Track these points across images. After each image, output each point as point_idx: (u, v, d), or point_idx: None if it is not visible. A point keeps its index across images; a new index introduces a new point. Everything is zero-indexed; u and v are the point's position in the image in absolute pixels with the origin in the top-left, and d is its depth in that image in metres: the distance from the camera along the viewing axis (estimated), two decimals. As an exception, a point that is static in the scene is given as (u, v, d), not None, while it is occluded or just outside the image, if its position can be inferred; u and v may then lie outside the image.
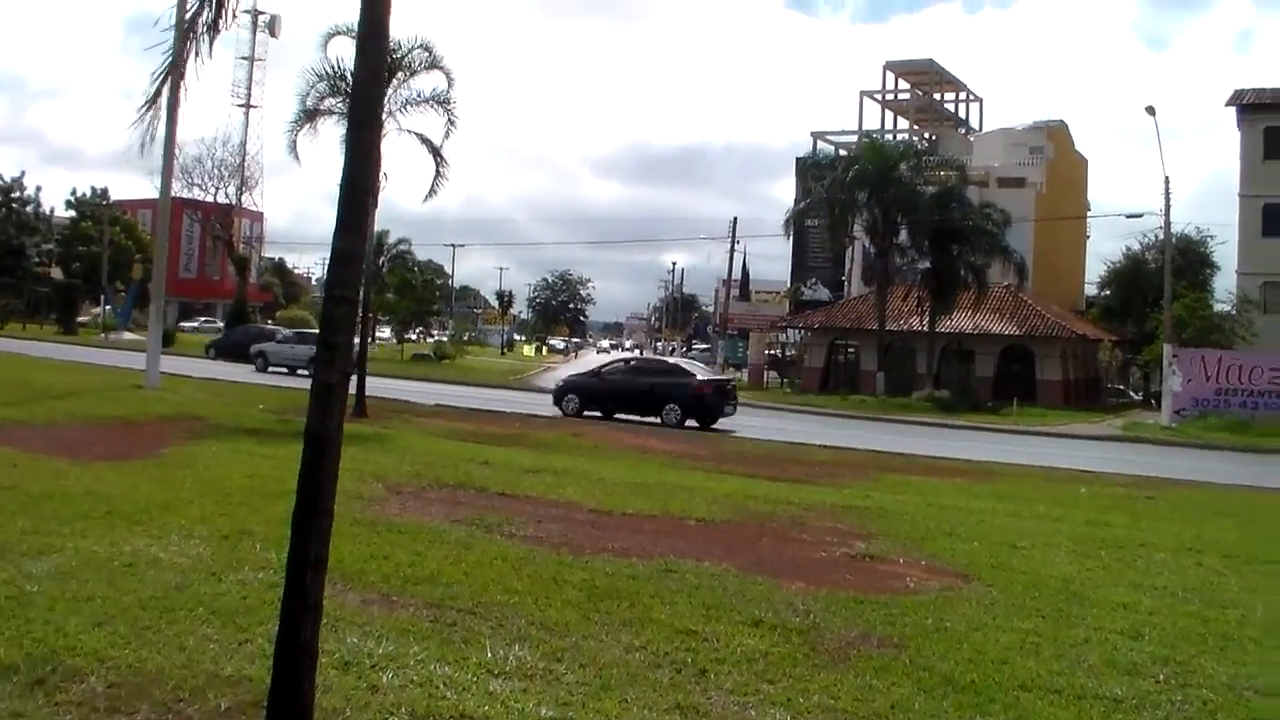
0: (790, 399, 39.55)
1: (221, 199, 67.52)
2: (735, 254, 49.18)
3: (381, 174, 20.70)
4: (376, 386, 25.61)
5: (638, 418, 24.36)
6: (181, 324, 63.89)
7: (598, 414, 24.91)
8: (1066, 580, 8.07)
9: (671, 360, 32.08)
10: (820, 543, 9.27)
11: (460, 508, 9.71)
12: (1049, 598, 7.44)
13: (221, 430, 15.10)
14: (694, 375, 25.45)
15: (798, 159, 65.21)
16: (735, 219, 47.89)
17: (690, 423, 24.25)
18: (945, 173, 41.72)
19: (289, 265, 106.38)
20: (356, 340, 19.57)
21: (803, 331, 49.23)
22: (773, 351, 51.68)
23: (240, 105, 74.61)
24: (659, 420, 23.96)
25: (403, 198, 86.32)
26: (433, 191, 23.13)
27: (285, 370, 36.39)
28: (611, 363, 28.53)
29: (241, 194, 69.50)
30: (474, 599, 6.35)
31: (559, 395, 25.87)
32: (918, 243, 39.82)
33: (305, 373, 35.77)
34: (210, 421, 16.12)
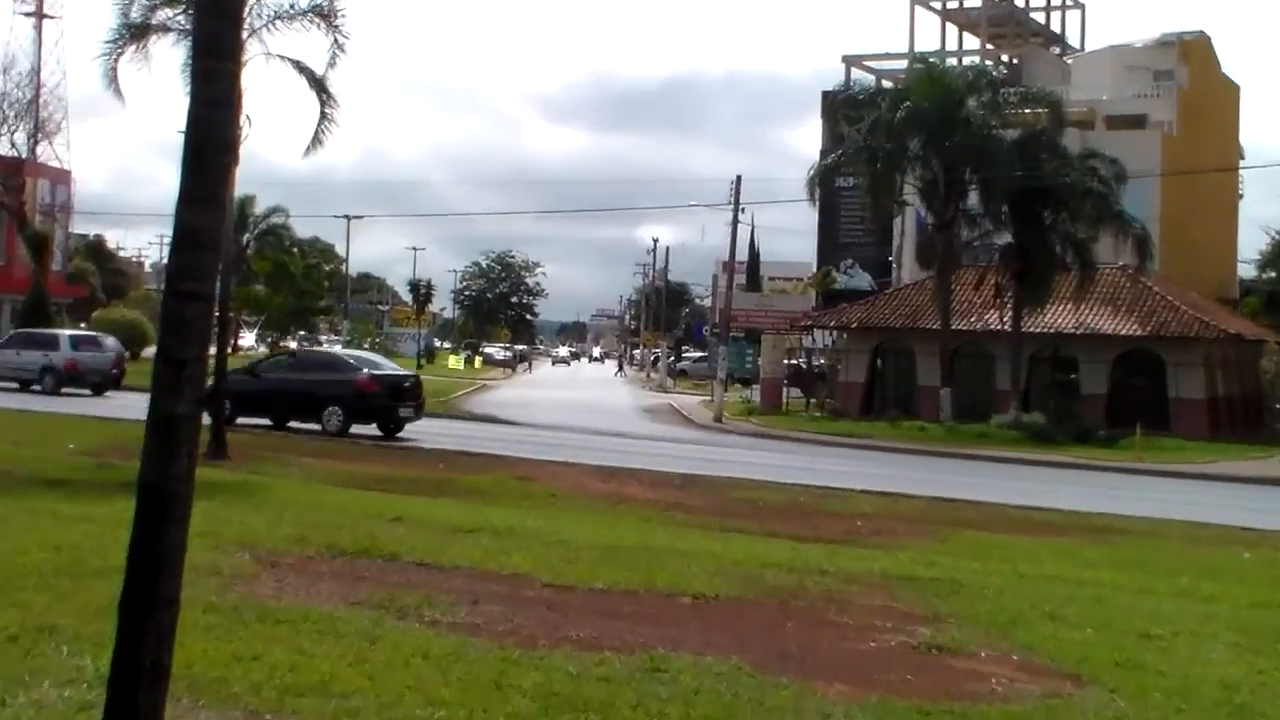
0: (820, 426, 39.79)
1: (4, 150, 66.59)
2: (740, 227, 49.23)
3: (243, 118, 20.72)
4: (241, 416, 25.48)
5: (303, 425, 26.30)
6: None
7: (266, 422, 26.62)
8: (1228, 686, 7.97)
9: (335, 352, 33.55)
10: (868, 628, 9.29)
11: (362, 584, 9.65)
12: (1204, 712, 7.41)
13: (10, 482, 14.99)
14: (360, 370, 27.38)
15: (825, 94, 65.99)
16: (739, 179, 47.69)
17: (360, 430, 26.09)
18: (1032, 110, 42.23)
19: (110, 245, 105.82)
20: (213, 351, 19.58)
21: (836, 333, 49.48)
22: (795, 361, 51.89)
23: (27, 14, 73.42)
24: (320, 427, 25.89)
25: (276, 151, 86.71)
26: (317, 142, 23.23)
27: (16, 386, 36.52)
28: (272, 357, 30.43)
29: (36, 143, 68.50)
30: (383, 715, 6.33)
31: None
32: (994, 208, 40.22)
33: (40, 388, 36.03)
34: (-6, 469, 15.98)
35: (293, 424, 27.18)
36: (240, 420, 25.56)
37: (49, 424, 25.24)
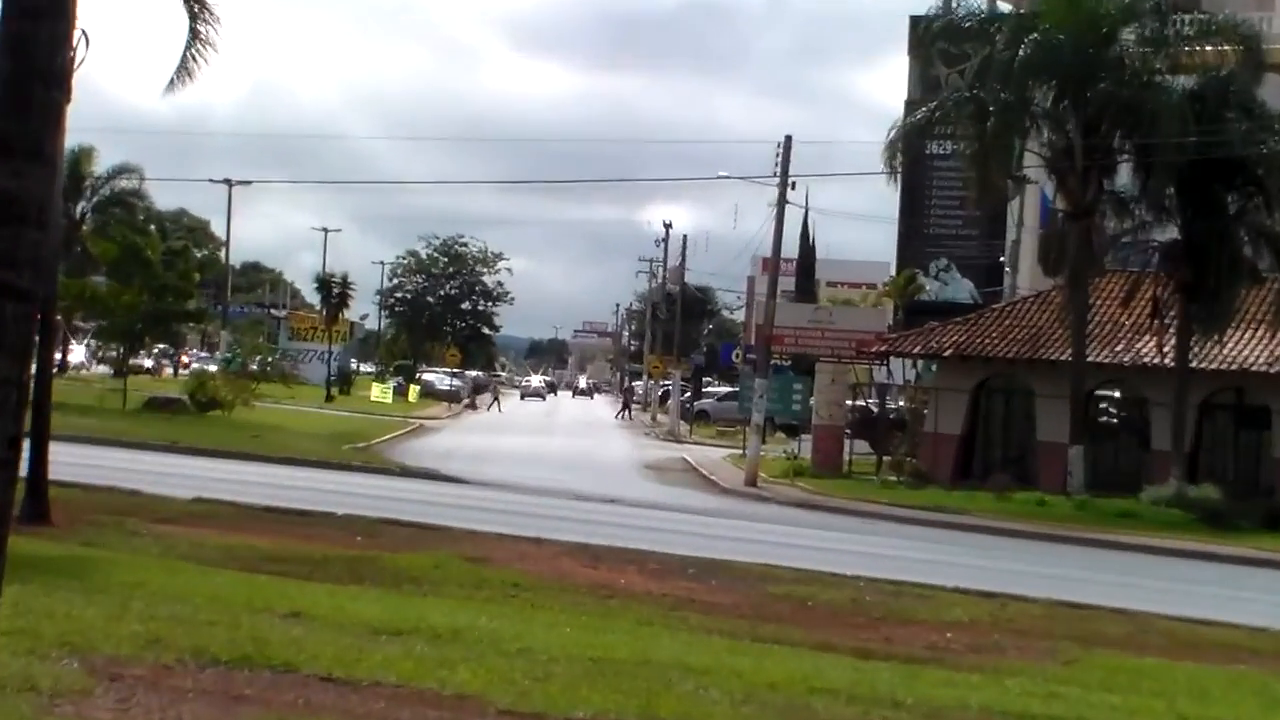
0: (895, 495, 39.75)
1: None
2: (788, 209, 49.12)
3: (77, 34, 20.69)
4: (71, 461, 25.37)
5: None
6: None
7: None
8: None
9: None
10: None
11: (243, 709, 9.63)
12: None
13: None
14: None
15: (914, 20, 65.88)
16: (788, 140, 47.31)
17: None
18: (1216, 48, 41.97)
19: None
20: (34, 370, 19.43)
21: (921, 365, 49.41)
22: (862, 403, 51.78)
23: None
24: None
25: (124, 85, 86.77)
26: (184, 73, 23.28)
27: None
28: None
29: None
30: None
31: None
32: (1155, 189, 40.12)
33: None
34: None
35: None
36: None
37: None
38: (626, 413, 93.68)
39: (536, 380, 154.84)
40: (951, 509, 36.70)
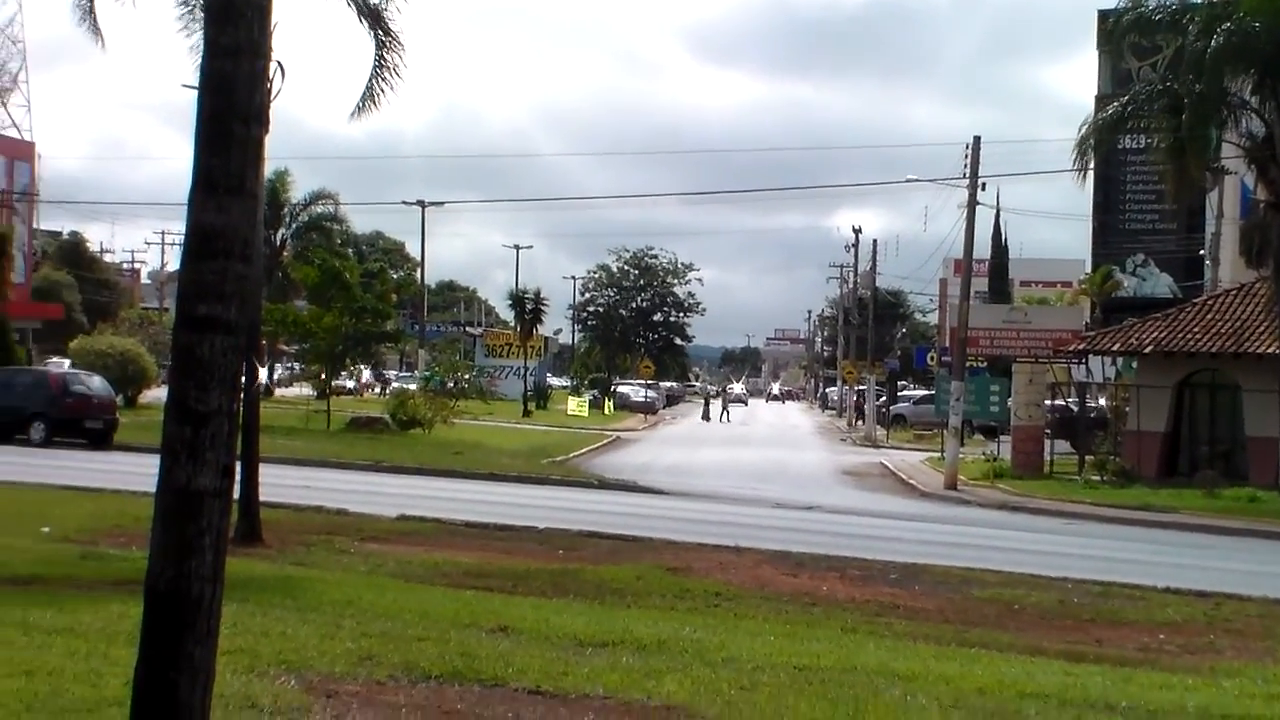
0: (1099, 495, 39.27)
1: None
2: (979, 210, 48.61)
3: (274, 68, 21.13)
4: (279, 482, 25.94)
5: None
6: None
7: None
8: None
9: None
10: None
11: (452, 724, 9.73)
12: None
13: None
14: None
15: (1103, 14, 64.96)
16: (977, 141, 46.99)
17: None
18: None
19: (91, 246, 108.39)
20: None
21: (1121, 362, 48.57)
22: (1061, 402, 51.06)
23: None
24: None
25: (315, 111, 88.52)
26: (370, 98, 23.56)
27: None
28: None
29: None
30: None
31: None
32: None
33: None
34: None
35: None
36: None
37: (25, 497, 25.98)
38: (858, 422, 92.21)
39: (739, 388, 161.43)
40: (1158, 507, 36.08)
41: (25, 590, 14.84)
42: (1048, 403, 49.03)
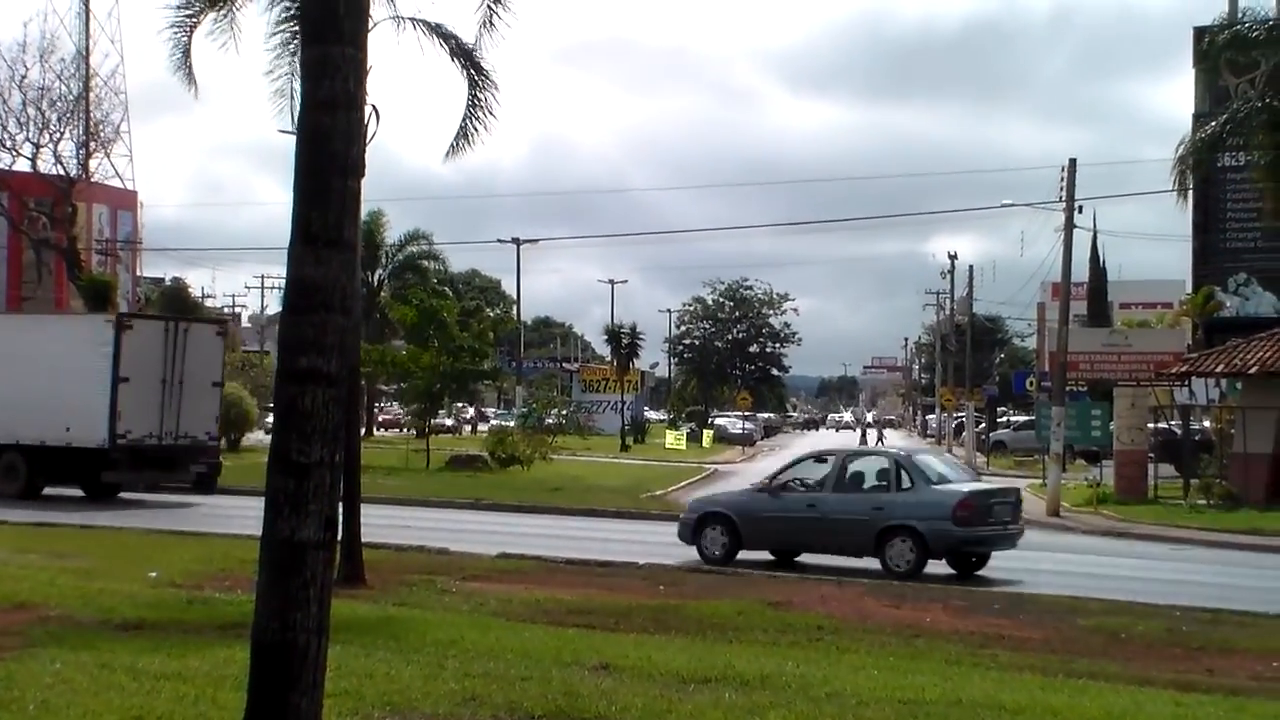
0: (1206, 519, 38.81)
1: (47, 166, 65.49)
2: (1076, 233, 48.29)
3: (368, 111, 21.32)
4: (381, 522, 26.11)
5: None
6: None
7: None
8: None
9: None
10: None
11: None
12: None
13: (73, 627, 15.47)
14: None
15: (1199, 31, 64.31)
16: (1073, 163, 46.75)
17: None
18: None
19: (193, 291, 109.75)
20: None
21: (1226, 383, 47.95)
22: (1164, 425, 50.44)
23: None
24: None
25: (410, 150, 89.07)
26: (464, 138, 23.74)
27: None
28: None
29: (88, 155, 68.50)
30: None
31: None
32: None
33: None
34: (48, 610, 16.52)
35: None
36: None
37: (132, 541, 26.33)
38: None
39: (848, 416, 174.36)
40: (1269, 531, 35.49)
41: (133, 635, 15.03)
42: (1150, 426, 48.47)
